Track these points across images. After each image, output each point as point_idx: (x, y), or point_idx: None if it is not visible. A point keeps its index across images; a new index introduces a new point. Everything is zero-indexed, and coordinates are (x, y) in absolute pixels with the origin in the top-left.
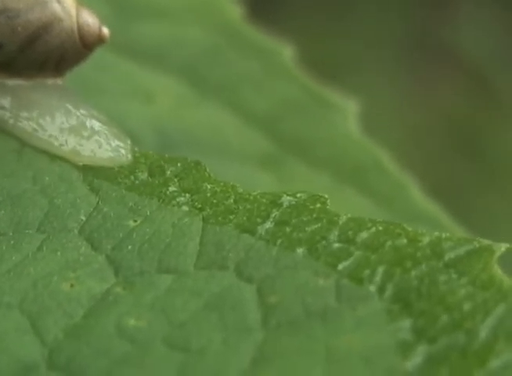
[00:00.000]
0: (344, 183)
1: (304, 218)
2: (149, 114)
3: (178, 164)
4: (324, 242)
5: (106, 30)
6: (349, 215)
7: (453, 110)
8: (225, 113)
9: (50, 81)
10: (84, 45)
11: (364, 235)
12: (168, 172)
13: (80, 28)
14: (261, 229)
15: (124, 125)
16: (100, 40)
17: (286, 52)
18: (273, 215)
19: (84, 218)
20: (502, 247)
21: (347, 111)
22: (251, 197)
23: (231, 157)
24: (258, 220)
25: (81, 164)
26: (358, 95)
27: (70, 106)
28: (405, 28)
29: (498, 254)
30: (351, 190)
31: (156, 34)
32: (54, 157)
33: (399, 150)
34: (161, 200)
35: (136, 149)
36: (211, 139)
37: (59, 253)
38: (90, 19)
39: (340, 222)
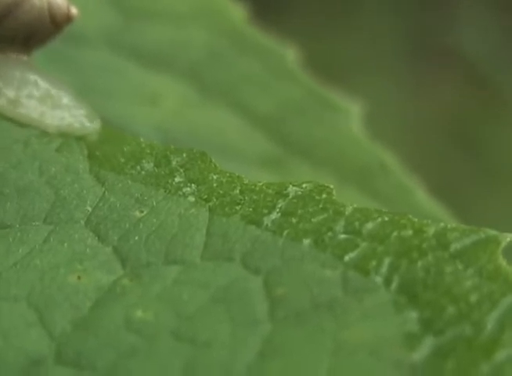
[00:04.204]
0: (348, 185)
1: (311, 209)
2: (153, 116)
3: (184, 155)
4: (330, 233)
5: (74, 10)
6: (355, 205)
7: (454, 111)
8: (229, 114)
9: (14, 56)
10: (54, 24)
11: (370, 226)
12: (174, 163)
13: (50, 7)
14: (267, 220)
15: (129, 127)
16: (69, 19)
17: (290, 53)
18: (279, 206)
19: (90, 209)
20: (508, 237)
21: (350, 112)
22: (257, 188)
23: (235, 158)
24: (264, 211)
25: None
26: (360, 95)
27: (36, 78)
28: (407, 29)
29: (503, 244)
30: (355, 192)
31: (160, 37)
32: (60, 147)
33: (400, 150)
34: (167, 191)
35: (142, 139)
36: (215, 140)
37: (65, 245)
38: None
39: (347, 213)
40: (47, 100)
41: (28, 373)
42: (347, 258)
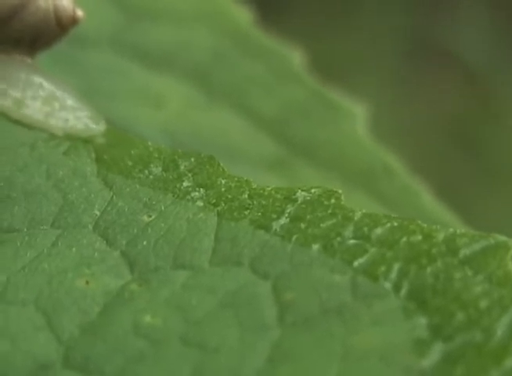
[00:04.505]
0: (353, 187)
1: (319, 214)
2: (158, 118)
3: (192, 159)
4: (339, 238)
5: (80, 12)
6: (364, 211)
7: (454, 111)
8: (233, 116)
9: (19, 58)
10: (60, 26)
11: (379, 231)
12: (182, 167)
13: (56, 9)
14: (276, 225)
15: (134, 129)
16: (74, 21)
17: (294, 55)
18: (288, 211)
19: (98, 213)
20: None
21: (355, 114)
22: (266, 193)
23: (240, 161)
24: (273, 216)
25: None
26: (359, 95)
27: (41, 80)
28: (407, 29)
29: None
30: (360, 194)
31: (165, 38)
32: (67, 150)
33: (400, 150)
34: (175, 195)
35: (150, 143)
36: (220, 142)
37: (73, 249)
38: (65, 1)
39: (356, 218)
40: (52, 102)
41: None
42: (356, 263)
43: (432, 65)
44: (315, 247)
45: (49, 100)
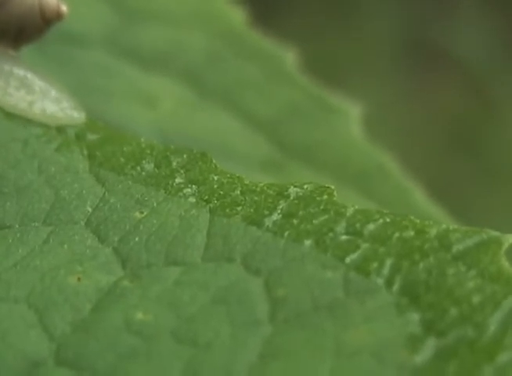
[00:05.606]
0: (347, 188)
1: (312, 210)
2: (152, 119)
3: (184, 156)
4: (331, 234)
5: (64, 8)
6: (356, 207)
7: (454, 111)
8: (228, 117)
9: (3, 50)
10: (44, 19)
11: (371, 227)
12: (174, 163)
13: (40, 2)
14: (268, 221)
15: (128, 129)
16: (59, 16)
17: (289, 56)
18: (280, 207)
19: (90, 210)
20: (510, 238)
21: (350, 115)
22: (258, 189)
23: (234, 162)
24: (265, 212)
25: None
26: (358, 97)
27: (24, 72)
28: (405, 30)
29: (506, 245)
30: (354, 195)
31: (159, 39)
32: (60, 147)
33: (400, 151)
34: (168, 192)
35: (142, 139)
36: (214, 143)
37: (65, 246)
38: None
39: (348, 214)
40: (35, 92)
41: (28, 374)
42: (348, 259)
43: (432, 65)
44: (308, 243)
45: (33, 90)
